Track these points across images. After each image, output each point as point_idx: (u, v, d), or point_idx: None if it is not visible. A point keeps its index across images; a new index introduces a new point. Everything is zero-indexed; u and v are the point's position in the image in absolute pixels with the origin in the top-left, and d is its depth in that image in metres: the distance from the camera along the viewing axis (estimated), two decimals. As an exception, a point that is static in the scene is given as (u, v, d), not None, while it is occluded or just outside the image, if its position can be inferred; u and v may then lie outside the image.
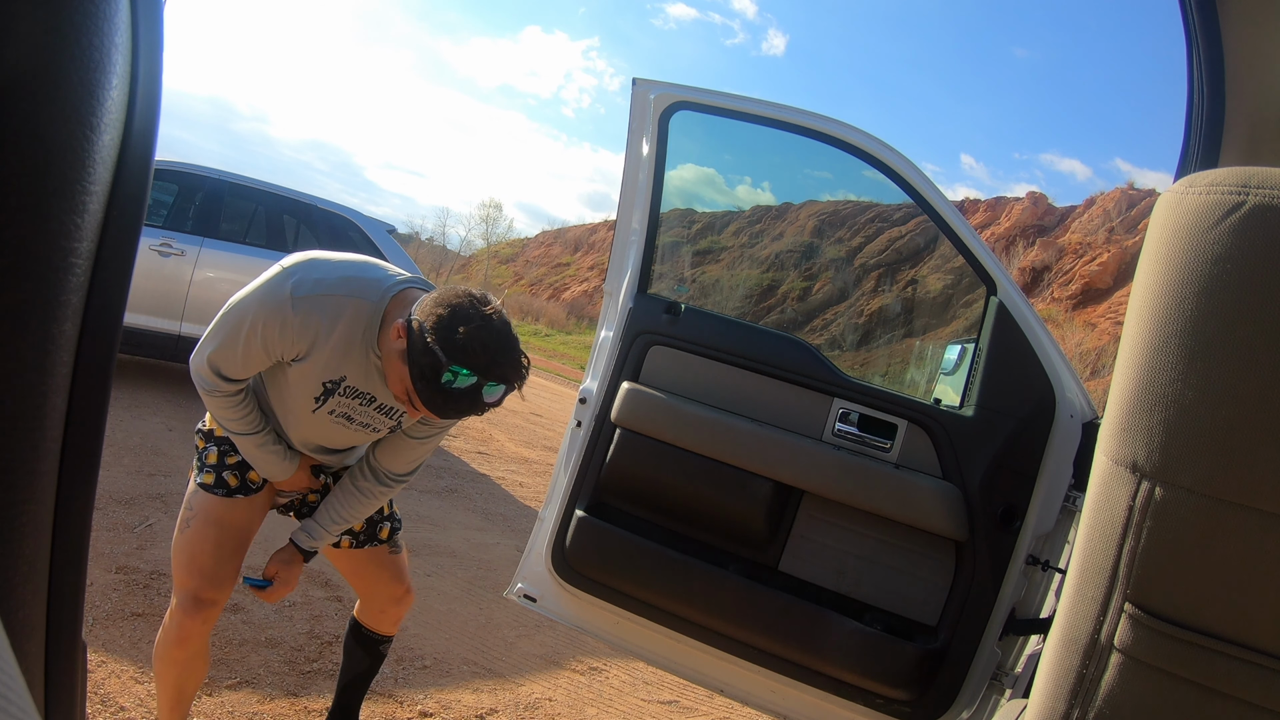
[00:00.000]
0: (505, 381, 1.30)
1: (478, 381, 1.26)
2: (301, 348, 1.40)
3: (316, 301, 1.37)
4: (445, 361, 1.25)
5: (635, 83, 1.86)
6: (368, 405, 1.50)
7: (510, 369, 1.29)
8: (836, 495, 1.71)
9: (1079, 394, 1.69)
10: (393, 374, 1.35)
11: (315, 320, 1.37)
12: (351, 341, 1.41)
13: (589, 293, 30.34)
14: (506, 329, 1.30)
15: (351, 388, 1.47)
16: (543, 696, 2.53)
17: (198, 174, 5.13)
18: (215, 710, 1.99)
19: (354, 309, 1.39)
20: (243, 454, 1.56)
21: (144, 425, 4.19)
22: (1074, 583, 0.66)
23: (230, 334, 1.40)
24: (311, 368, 1.42)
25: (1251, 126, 1.16)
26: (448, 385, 1.25)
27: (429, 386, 1.26)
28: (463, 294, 1.31)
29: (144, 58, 0.44)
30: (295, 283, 1.37)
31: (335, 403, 1.48)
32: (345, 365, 1.43)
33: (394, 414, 1.53)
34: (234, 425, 1.51)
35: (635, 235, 1.90)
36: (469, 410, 1.30)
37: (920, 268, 22.43)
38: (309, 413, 1.50)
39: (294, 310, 1.36)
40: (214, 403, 1.48)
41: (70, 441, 0.44)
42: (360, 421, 1.52)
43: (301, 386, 1.46)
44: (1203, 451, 0.57)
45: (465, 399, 1.27)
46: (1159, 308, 0.59)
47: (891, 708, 1.65)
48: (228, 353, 1.41)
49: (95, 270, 0.43)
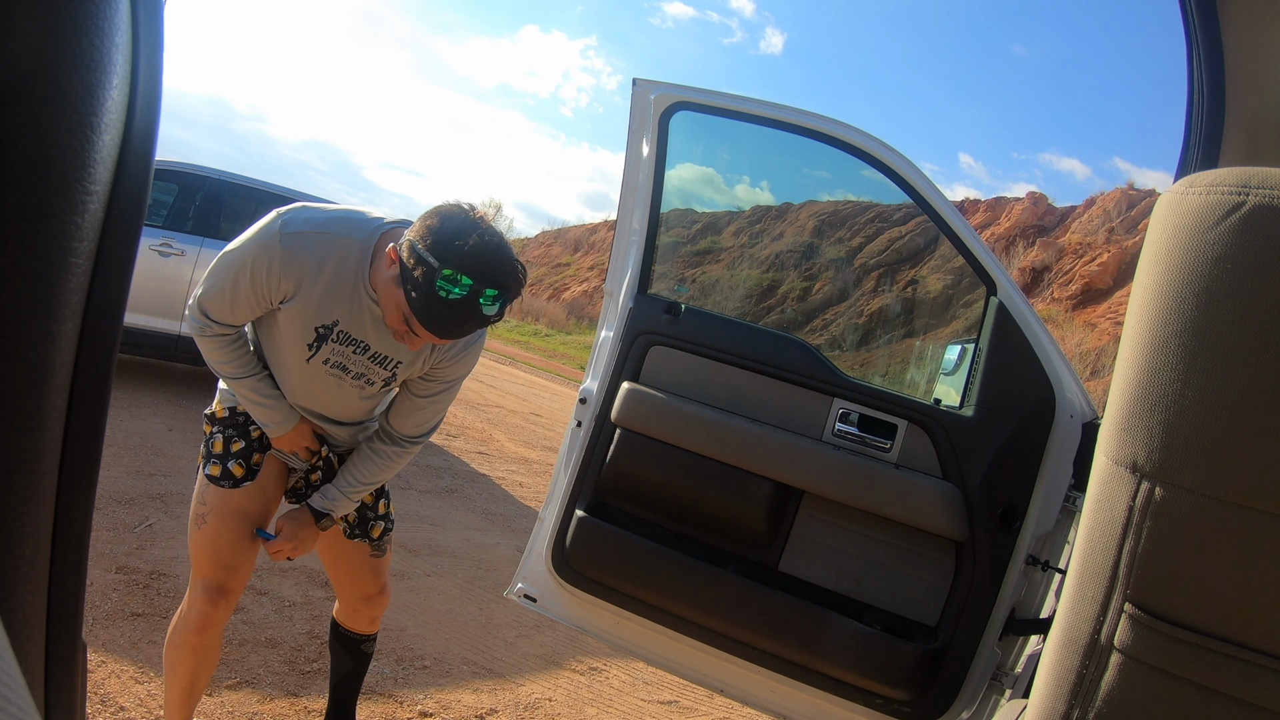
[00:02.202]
0: (501, 288, 1.28)
1: (474, 288, 1.25)
2: (289, 287, 1.41)
3: (305, 238, 1.39)
4: (438, 266, 1.24)
5: (635, 83, 1.86)
6: (362, 354, 1.50)
7: (506, 274, 1.29)
8: (836, 495, 1.71)
9: (1079, 394, 1.69)
10: (388, 304, 1.35)
11: (303, 256, 1.39)
12: (342, 280, 1.42)
13: (589, 293, 30.32)
14: (498, 234, 1.31)
15: (344, 333, 1.47)
16: (543, 696, 2.53)
17: (198, 174, 5.13)
18: (215, 710, 1.99)
19: (343, 246, 1.41)
20: (241, 402, 1.56)
21: (144, 425, 4.19)
22: (1074, 583, 0.66)
23: (221, 275, 1.43)
24: (301, 309, 1.43)
25: (1251, 126, 1.16)
26: (444, 294, 1.25)
27: (424, 298, 1.26)
28: (452, 205, 1.32)
29: (144, 58, 0.44)
30: (285, 221, 1.40)
31: (329, 350, 1.48)
32: (336, 307, 1.44)
33: (389, 363, 1.53)
34: (227, 369, 1.51)
35: (635, 235, 1.90)
36: (467, 321, 1.28)
37: (920, 268, 22.41)
38: (303, 364, 1.50)
39: (281, 245, 1.38)
40: (205, 344, 1.49)
41: (70, 441, 0.44)
42: (355, 372, 1.52)
43: (293, 334, 1.46)
44: (1203, 451, 0.57)
45: (462, 310, 1.26)
46: (1159, 308, 0.59)
47: (891, 708, 1.65)
48: (217, 294, 1.43)
49: (95, 270, 0.43)
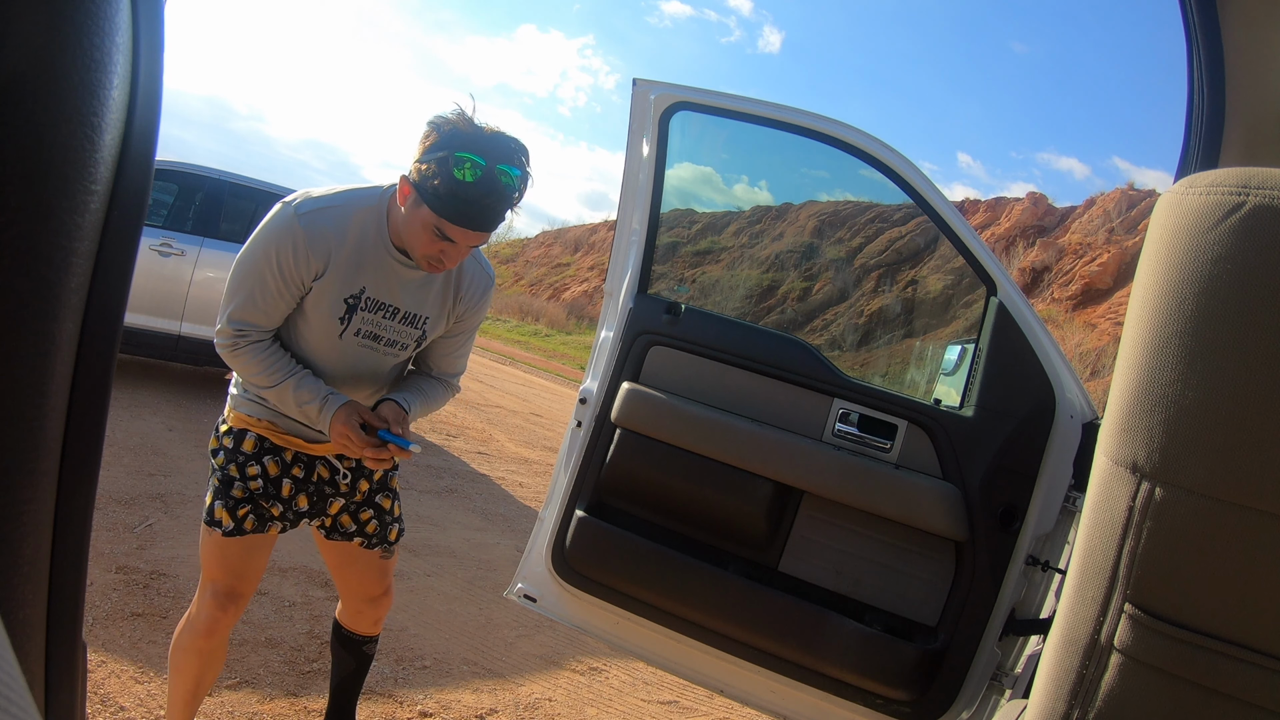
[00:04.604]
0: (513, 162, 1.34)
1: (488, 166, 1.31)
2: (318, 265, 1.43)
3: (321, 213, 1.43)
4: (449, 152, 1.30)
5: (635, 83, 1.86)
6: (392, 318, 1.52)
7: (513, 148, 1.35)
8: (836, 495, 1.71)
9: (1079, 394, 1.69)
10: (415, 231, 1.39)
11: (325, 229, 1.42)
12: (364, 244, 1.45)
13: (589, 293, 30.30)
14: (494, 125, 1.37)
15: (372, 299, 1.49)
16: (543, 696, 2.53)
17: (198, 174, 5.13)
18: (215, 710, 1.99)
19: (360, 213, 1.45)
20: (287, 409, 1.49)
21: (144, 425, 4.19)
22: (1074, 583, 0.66)
23: (245, 279, 1.43)
24: (331, 282, 1.45)
25: (1251, 126, 1.16)
26: (464, 178, 1.30)
27: (448, 189, 1.31)
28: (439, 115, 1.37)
29: (144, 57, 0.44)
30: (296, 205, 1.42)
31: (360, 320, 1.50)
32: (362, 274, 1.47)
33: (419, 321, 1.56)
34: (266, 379, 1.46)
35: (635, 235, 1.90)
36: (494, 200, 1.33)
37: (920, 268, 22.39)
38: (336, 340, 1.50)
39: (302, 225, 1.40)
40: (241, 360, 1.45)
41: (70, 441, 0.44)
42: (387, 339, 1.54)
43: (322, 313, 1.47)
44: (1203, 452, 0.57)
45: (486, 187, 1.32)
46: (1159, 308, 0.59)
47: (891, 708, 1.65)
48: (246, 299, 1.43)
49: (96, 270, 0.43)
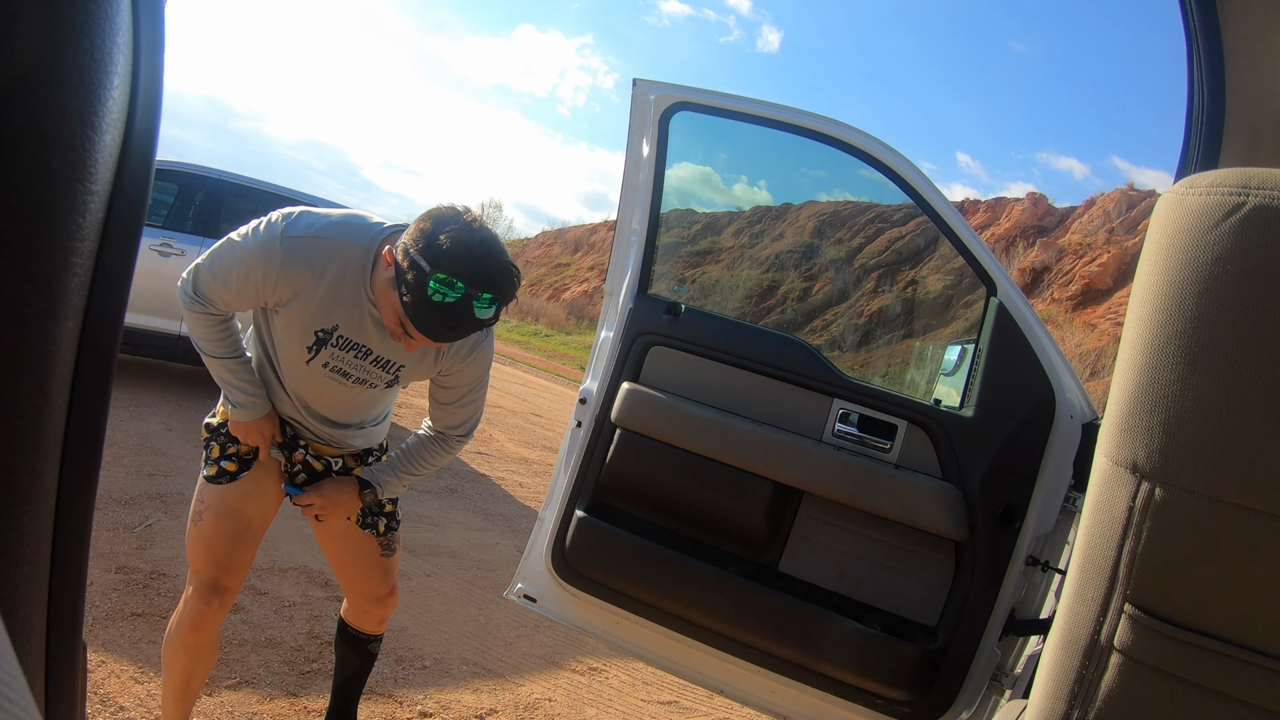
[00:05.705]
0: (494, 290, 1.28)
1: (466, 291, 1.25)
2: (286, 293, 1.40)
3: (306, 242, 1.39)
4: (429, 270, 1.24)
5: (635, 83, 1.86)
6: (363, 359, 1.50)
7: (499, 275, 1.28)
8: (836, 496, 1.71)
9: (1079, 394, 1.69)
10: (386, 307, 1.35)
11: (303, 262, 1.38)
12: (343, 284, 1.41)
13: (589, 293, 30.29)
14: (492, 236, 1.30)
15: (344, 338, 1.46)
16: (542, 696, 2.53)
17: (198, 174, 5.13)
18: (215, 710, 1.99)
19: (345, 251, 1.40)
20: (214, 377, 1.55)
21: (144, 425, 4.19)
22: (1074, 583, 0.66)
23: (222, 264, 1.43)
24: (301, 313, 1.42)
25: (1251, 126, 1.16)
26: (437, 299, 1.24)
27: (417, 302, 1.25)
28: (446, 207, 1.32)
29: (145, 58, 0.44)
30: (288, 224, 1.40)
31: (328, 354, 1.48)
32: (337, 312, 1.43)
33: (390, 367, 1.52)
34: (208, 345, 1.51)
35: (635, 236, 1.90)
36: (460, 325, 1.28)
37: (920, 268, 22.40)
38: (303, 365, 1.50)
39: (282, 249, 1.37)
40: (192, 318, 1.49)
41: (70, 441, 0.44)
42: (356, 377, 1.52)
43: (293, 335, 1.46)
44: (1203, 452, 0.57)
45: (456, 313, 1.26)
46: (1159, 308, 0.59)
47: (891, 708, 1.65)
48: (216, 280, 1.44)
49: (96, 270, 0.43)
